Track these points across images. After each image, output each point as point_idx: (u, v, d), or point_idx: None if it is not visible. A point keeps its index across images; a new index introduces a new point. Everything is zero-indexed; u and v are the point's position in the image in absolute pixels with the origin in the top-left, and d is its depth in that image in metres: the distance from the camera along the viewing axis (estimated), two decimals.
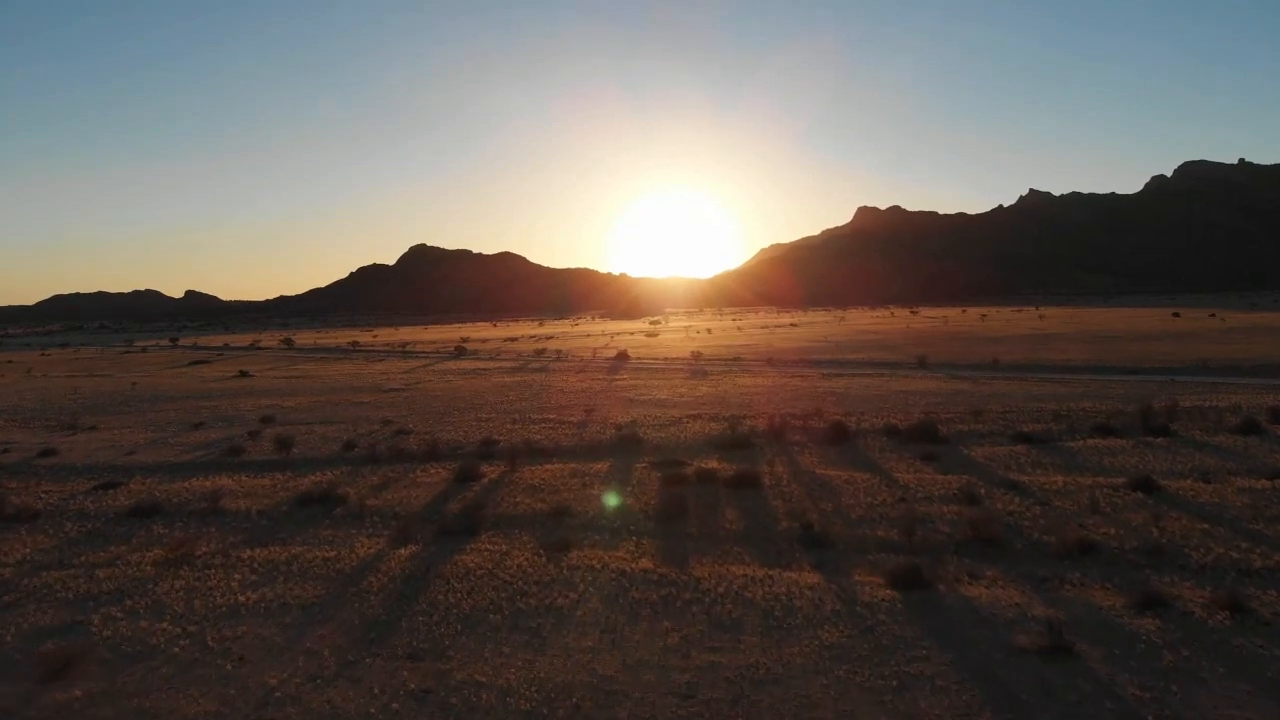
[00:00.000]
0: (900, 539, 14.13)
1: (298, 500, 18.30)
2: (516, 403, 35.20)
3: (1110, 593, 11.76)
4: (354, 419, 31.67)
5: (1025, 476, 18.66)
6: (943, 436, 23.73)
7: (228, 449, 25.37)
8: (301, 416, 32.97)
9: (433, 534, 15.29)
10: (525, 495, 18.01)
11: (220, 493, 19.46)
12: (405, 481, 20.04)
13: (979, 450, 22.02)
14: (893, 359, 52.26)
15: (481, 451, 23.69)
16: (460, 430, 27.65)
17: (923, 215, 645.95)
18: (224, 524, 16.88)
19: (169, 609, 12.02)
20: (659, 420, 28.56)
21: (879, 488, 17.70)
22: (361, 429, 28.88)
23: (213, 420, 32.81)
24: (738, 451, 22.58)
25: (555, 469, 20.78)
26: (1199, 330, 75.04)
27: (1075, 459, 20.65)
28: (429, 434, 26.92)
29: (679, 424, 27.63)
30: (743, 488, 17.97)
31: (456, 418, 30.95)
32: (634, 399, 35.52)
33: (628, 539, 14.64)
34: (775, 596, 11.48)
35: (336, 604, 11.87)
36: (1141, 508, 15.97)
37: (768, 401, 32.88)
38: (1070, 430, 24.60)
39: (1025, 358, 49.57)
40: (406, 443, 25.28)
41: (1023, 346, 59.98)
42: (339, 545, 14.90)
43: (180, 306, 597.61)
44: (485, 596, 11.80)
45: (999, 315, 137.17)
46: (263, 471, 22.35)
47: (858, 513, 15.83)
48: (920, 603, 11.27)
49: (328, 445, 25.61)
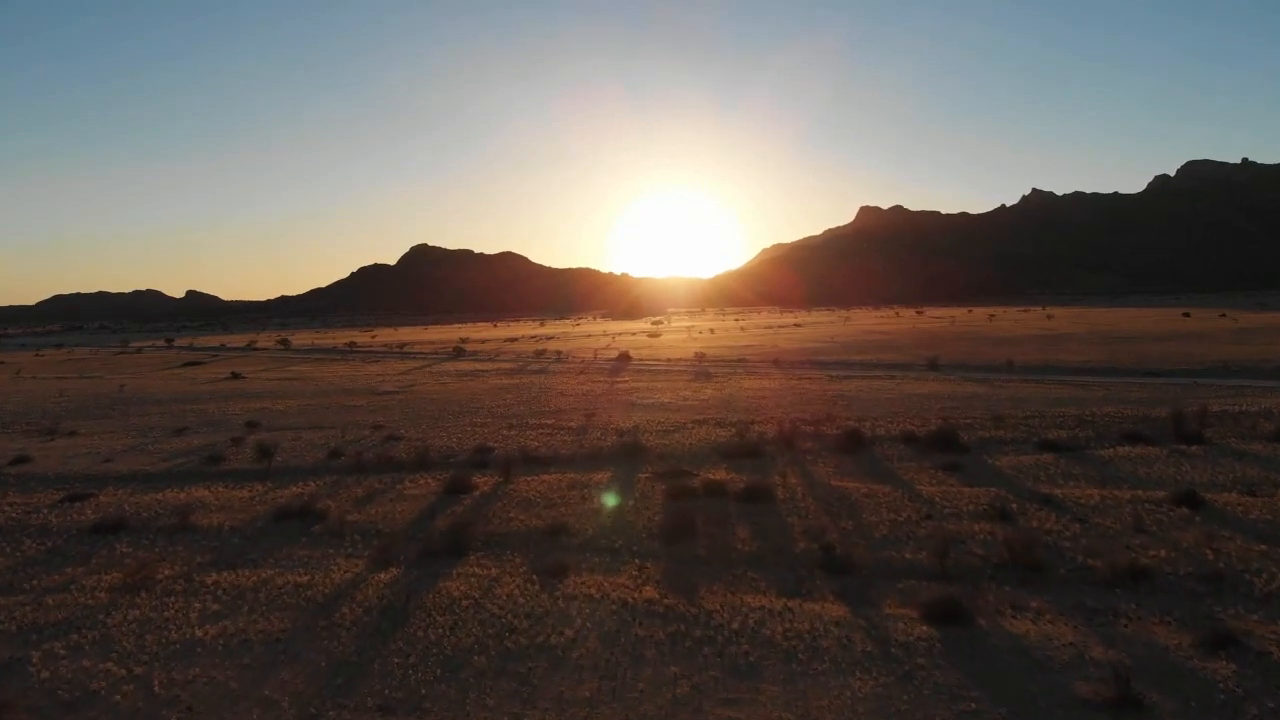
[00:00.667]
0: (931, 563, 12.81)
1: (274, 515, 17.00)
2: (514, 406, 33.90)
3: (1173, 629, 10.44)
4: (344, 424, 30.37)
5: (1058, 489, 17.33)
6: (964, 444, 22.40)
7: (208, 457, 24.07)
8: (290, 421, 31.68)
9: (416, 555, 13.99)
10: (519, 510, 16.70)
11: (193, 506, 18.17)
12: (391, 494, 18.73)
13: (1004, 459, 20.69)
14: (902, 360, 50.91)
15: (474, 460, 22.38)
16: (454, 436, 26.34)
17: (925, 215, 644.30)
18: (193, 542, 15.58)
19: (117, 645, 10.72)
20: (663, 425, 27.25)
21: (902, 502, 16.37)
22: (350, 435, 27.58)
23: (197, 425, 31.53)
24: (747, 460, 21.27)
25: (552, 480, 19.48)
26: (1212, 331, 73.67)
27: (1108, 469, 19.33)
28: (420, 440, 25.61)
29: (684, 429, 26.32)
30: (754, 502, 16.65)
31: (450, 423, 29.65)
32: (636, 402, 34.22)
33: (630, 561, 13.33)
34: (797, 634, 10.15)
35: (304, 640, 10.56)
36: (1189, 525, 14.66)
37: (776, 405, 31.56)
38: (1098, 437, 23.27)
39: (1039, 359, 48.25)
40: (396, 450, 23.98)
41: (1034, 347, 58.62)
42: (313, 568, 13.59)
43: (181, 307, 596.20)
44: (470, 633, 10.49)
45: (1006, 315, 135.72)
46: (242, 482, 21.06)
47: (881, 532, 14.51)
48: (962, 641, 9.95)
49: (313, 453, 24.30)
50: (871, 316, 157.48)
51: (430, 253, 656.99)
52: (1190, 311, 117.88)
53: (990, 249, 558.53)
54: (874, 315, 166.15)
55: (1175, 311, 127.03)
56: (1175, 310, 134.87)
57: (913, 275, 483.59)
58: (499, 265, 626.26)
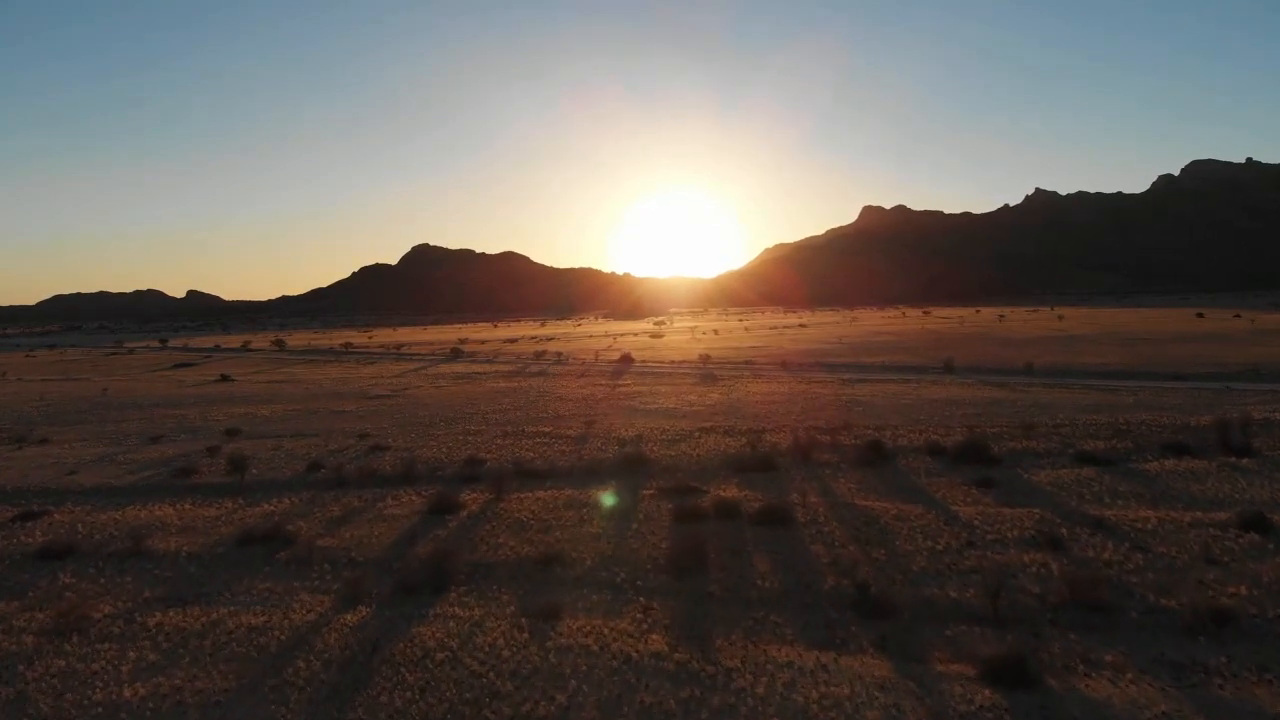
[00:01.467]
0: (981, 603, 11.11)
1: (239, 538, 15.31)
2: (510, 412, 32.21)
3: (1277, 689, 8.78)
4: (330, 431, 28.70)
5: (1108, 511, 15.62)
6: (995, 456, 20.70)
7: (179, 469, 22.40)
8: (273, 428, 30.01)
9: (391, 590, 12.31)
10: (510, 534, 15.01)
11: (152, 527, 16.50)
12: (370, 513, 17.05)
13: (1041, 474, 18.98)
14: (915, 362, 49.16)
15: (464, 473, 20.69)
16: (444, 446, 24.64)
17: (928, 215, 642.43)
18: (144, 572, 13.91)
19: (31, 707, 9.06)
20: (667, 434, 25.56)
21: (938, 526, 14.66)
22: (334, 444, 25.90)
23: (176, 432, 29.86)
24: (760, 475, 19.57)
25: (548, 497, 17.79)
26: (1229, 331, 71.87)
27: (1157, 486, 17.61)
28: (408, 451, 23.93)
29: (690, 439, 24.62)
30: (772, 525, 14.96)
31: (442, 430, 27.96)
32: (639, 408, 32.52)
33: (633, 601, 11.65)
34: (835, 701, 8.46)
35: (246, 704, 8.87)
36: (1263, 555, 12.98)
37: (787, 412, 29.85)
38: (1138, 449, 21.55)
39: (1057, 362, 46.49)
40: (381, 462, 22.29)
41: (1050, 349, 56.86)
42: (273, 606, 11.92)
43: (182, 306, 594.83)
44: (443, 697, 8.80)
45: (1015, 316, 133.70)
46: (211, 498, 19.40)
47: (920, 563, 12.81)
48: (1033, 711, 8.25)
49: (292, 465, 22.62)
50: (877, 317, 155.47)
51: (431, 252, 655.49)
52: (1204, 312, 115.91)
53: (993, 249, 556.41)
54: (880, 315, 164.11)
55: (1187, 312, 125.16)
56: (1187, 310, 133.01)
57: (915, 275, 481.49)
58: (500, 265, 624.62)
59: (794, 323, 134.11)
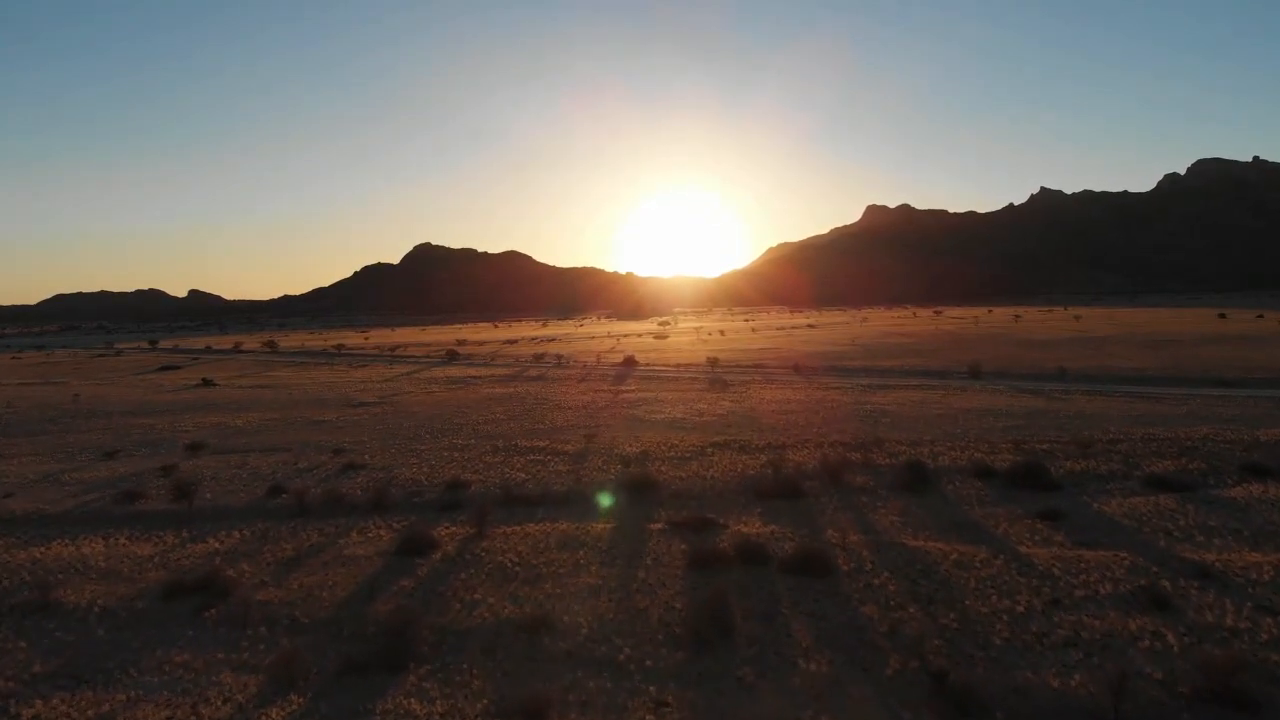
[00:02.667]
0: (1091, 693, 8.52)
1: (166, 590, 12.75)
2: (503, 423, 29.61)
3: None
4: (303, 445, 26.12)
5: (1208, 554, 13.00)
6: (1054, 480, 18.07)
7: (125, 492, 19.83)
8: (243, 441, 27.44)
9: (336, 668, 9.76)
10: (490, 585, 12.42)
11: (70, 572, 13.94)
12: (328, 553, 14.46)
13: (1112, 503, 16.36)
14: (936, 367, 46.41)
15: (445, 499, 18.11)
16: (425, 465, 22.04)
17: (932, 214, 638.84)
18: (44, 635, 11.38)
19: None
20: (677, 450, 22.95)
21: (1010, 578, 12.04)
22: (305, 461, 23.31)
23: (135, 446, 27.30)
24: (786, 503, 16.98)
25: (539, 532, 15.19)
26: (1258, 333, 69.04)
27: (1253, 519, 14.98)
28: (385, 470, 21.35)
29: (702, 456, 22.01)
30: (809, 574, 12.36)
31: (426, 444, 25.37)
32: (644, 418, 29.92)
33: (642, 690, 9.07)
34: None
35: None
36: None
37: (806, 423, 27.21)
38: (1213, 470, 18.90)
39: (1087, 365, 43.75)
40: (351, 485, 19.72)
41: (1076, 351, 54.08)
42: (183, 693, 9.36)
43: (183, 306, 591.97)
44: None
45: (1031, 316, 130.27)
46: (152, 529, 16.85)
47: (1001, 633, 10.18)
48: None
49: (251, 488, 20.04)
50: (887, 317, 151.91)
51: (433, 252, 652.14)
52: (1225, 313, 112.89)
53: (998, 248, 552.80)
54: (889, 316, 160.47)
55: (1206, 312, 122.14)
56: (1204, 311, 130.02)
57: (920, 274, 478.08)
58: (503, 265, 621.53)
59: (801, 323, 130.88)
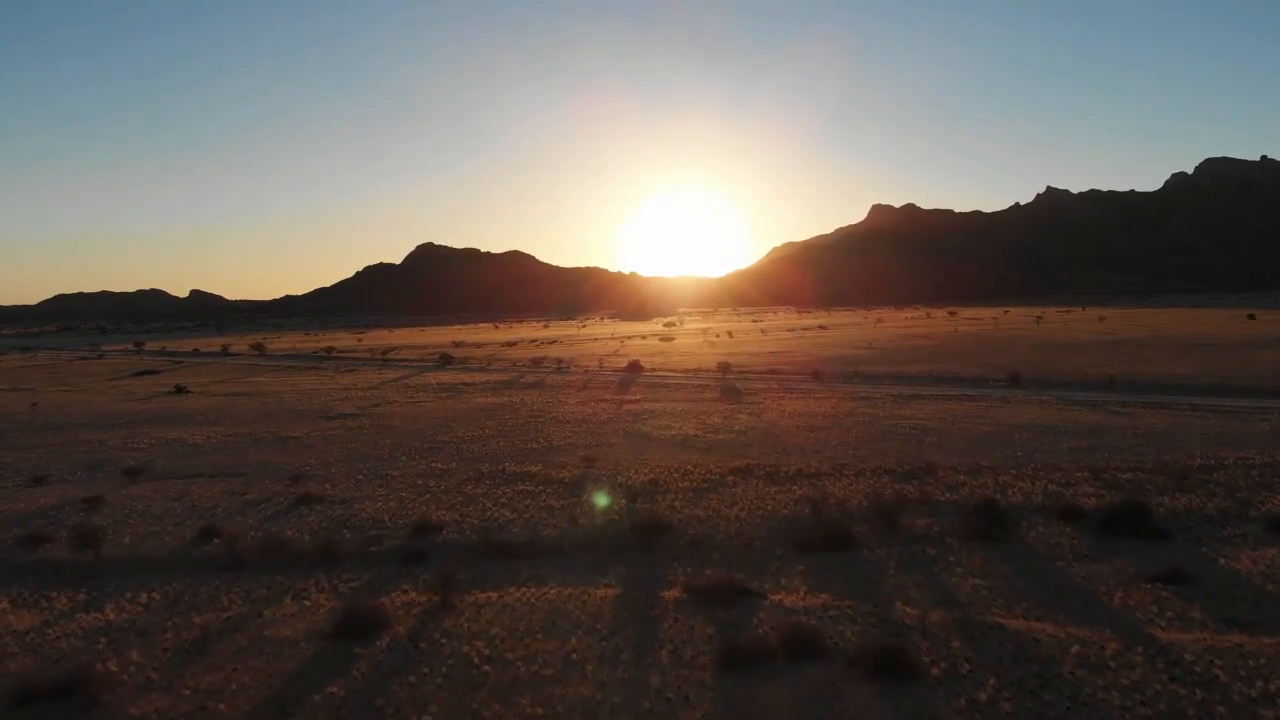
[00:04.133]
0: None
1: (15, 696, 9.30)
2: (492, 441, 26.17)
3: None
4: (261, 469, 22.70)
5: None
6: (1159, 524, 14.59)
7: (31, 535, 16.43)
8: (194, 463, 24.03)
9: None
10: (446, 700, 8.96)
11: None
12: (246, 633, 11.00)
13: (1240, 556, 12.91)
14: (967, 373, 42.87)
15: (408, 547, 14.66)
16: (394, 497, 18.57)
17: (938, 213, 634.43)
18: None
19: None
20: (691, 477, 19.48)
21: (1160, 685, 8.52)
22: (255, 490, 19.85)
23: (72, 469, 23.89)
24: (834, 556, 13.52)
25: (520, 602, 11.73)
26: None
27: None
28: (344, 504, 17.91)
29: (722, 486, 18.54)
30: (886, 677, 8.88)
31: (400, 468, 21.92)
32: (651, 434, 26.47)
33: None
34: None
35: None
36: None
37: (839, 442, 23.72)
38: None
39: (1133, 372, 40.16)
40: (301, 525, 16.28)
41: (1112, 356, 50.49)
42: None
43: (184, 306, 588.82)
44: None
45: (1051, 317, 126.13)
46: (47, 586, 13.48)
47: None
48: None
49: (181, 528, 16.60)
50: (900, 318, 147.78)
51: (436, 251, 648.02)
52: (1254, 314, 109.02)
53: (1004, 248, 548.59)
54: (903, 317, 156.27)
55: (1231, 313, 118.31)
56: (1227, 311, 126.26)
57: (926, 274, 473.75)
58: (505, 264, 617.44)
59: (812, 324, 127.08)
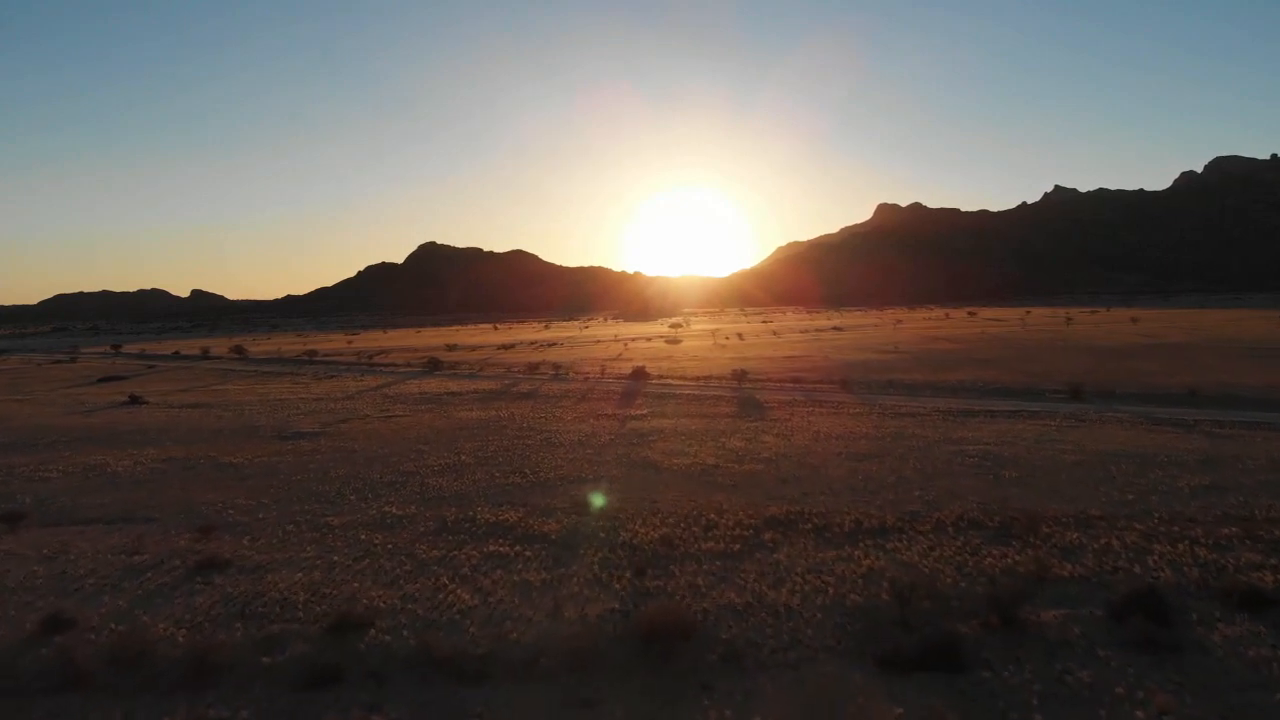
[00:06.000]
0: None
1: None
2: (467, 472, 21.56)
3: None
4: (177, 510, 18.13)
5: None
6: None
7: None
8: (97, 502, 19.44)
9: None
10: None
11: None
12: None
13: None
14: (1016, 383, 38.12)
15: (318, 660, 10.07)
16: (322, 562, 13.95)
17: (944, 212, 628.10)
18: None
19: None
20: (715, 533, 14.87)
21: None
22: (151, 548, 15.25)
23: None
24: (939, 680, 8.95)
25: None
26: None
27: None
28: (255, 574, 13.32)
29: (759, 548, 13.93)
30: None
31: (344, 516, 17.29)
32: (661, 463, 21.86)
33: None
34: None
35: None
36: None
37: (896, 478, 19.06)
38: None
39: (1201, 382, 35.37)
40: (180, 613, 11.70)
41: (1170, 363, 45.68)
42: None
43: (184, 306, 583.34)
44: None
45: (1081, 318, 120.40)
46: None
47: None
48: None
49: (18, 619, 12.04)
50: (919, 318, 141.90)
51: (439, 251, 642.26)
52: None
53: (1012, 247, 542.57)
54: (920, 317, 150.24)
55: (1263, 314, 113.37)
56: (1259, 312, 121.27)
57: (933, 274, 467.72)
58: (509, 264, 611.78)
59: (826, 325, 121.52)
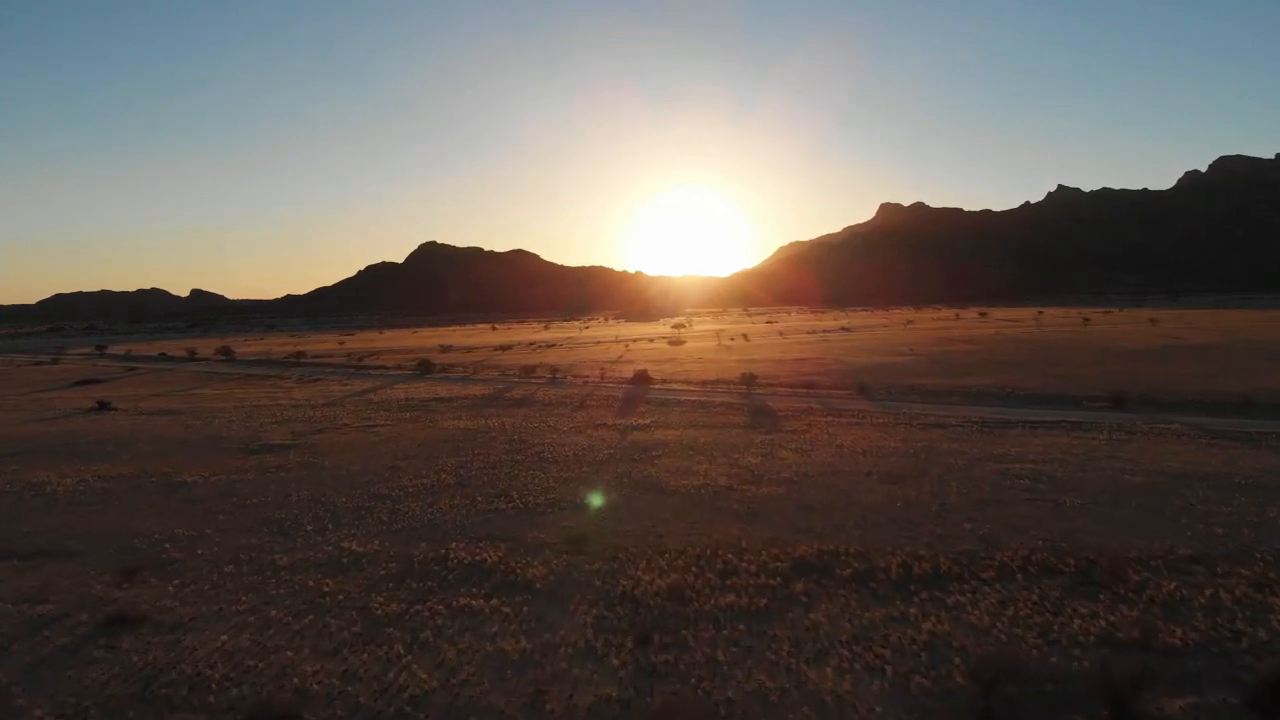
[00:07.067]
0: None
1: None
2: (446, 494, 18.95)
3: None
4: (103, 544, 15.56)
5: None
6: None
7: None
8: (21, 531, 16.91)
9: None
10: None
11: None
12: None
13: None
14: (1044, 387, 35.45)
15: None
16: (255, 619, 11.36)
17: (947, 212, 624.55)
18: None
19: None
20: (737, 581, 12.30)
21: None
22: (54, 599, 12.68)
23: None
24: None
25: None
26: None
27: None
28: (170, 635, 10.73)
29: (791, 604, 11.35)
30: None
31: (294, 553, 14.70)
32: (666, 484, 19.24)
33: None
34: None
35: None
36: None
37: (939, 505, 16.44)
38: None
39: (1242, 389, 32.59)
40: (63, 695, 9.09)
41: (1205, 367, 42.96)
42: None
43: (184, 306, 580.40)
44: None
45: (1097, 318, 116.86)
46: None
47: None
48: None
49: None
50: (929, 319, 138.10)
51: (439, 250, 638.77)
52: None
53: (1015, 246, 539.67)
54: (930, 317, 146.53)
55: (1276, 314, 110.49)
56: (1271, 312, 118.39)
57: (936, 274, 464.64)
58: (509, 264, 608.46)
59: (833, 326, 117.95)
